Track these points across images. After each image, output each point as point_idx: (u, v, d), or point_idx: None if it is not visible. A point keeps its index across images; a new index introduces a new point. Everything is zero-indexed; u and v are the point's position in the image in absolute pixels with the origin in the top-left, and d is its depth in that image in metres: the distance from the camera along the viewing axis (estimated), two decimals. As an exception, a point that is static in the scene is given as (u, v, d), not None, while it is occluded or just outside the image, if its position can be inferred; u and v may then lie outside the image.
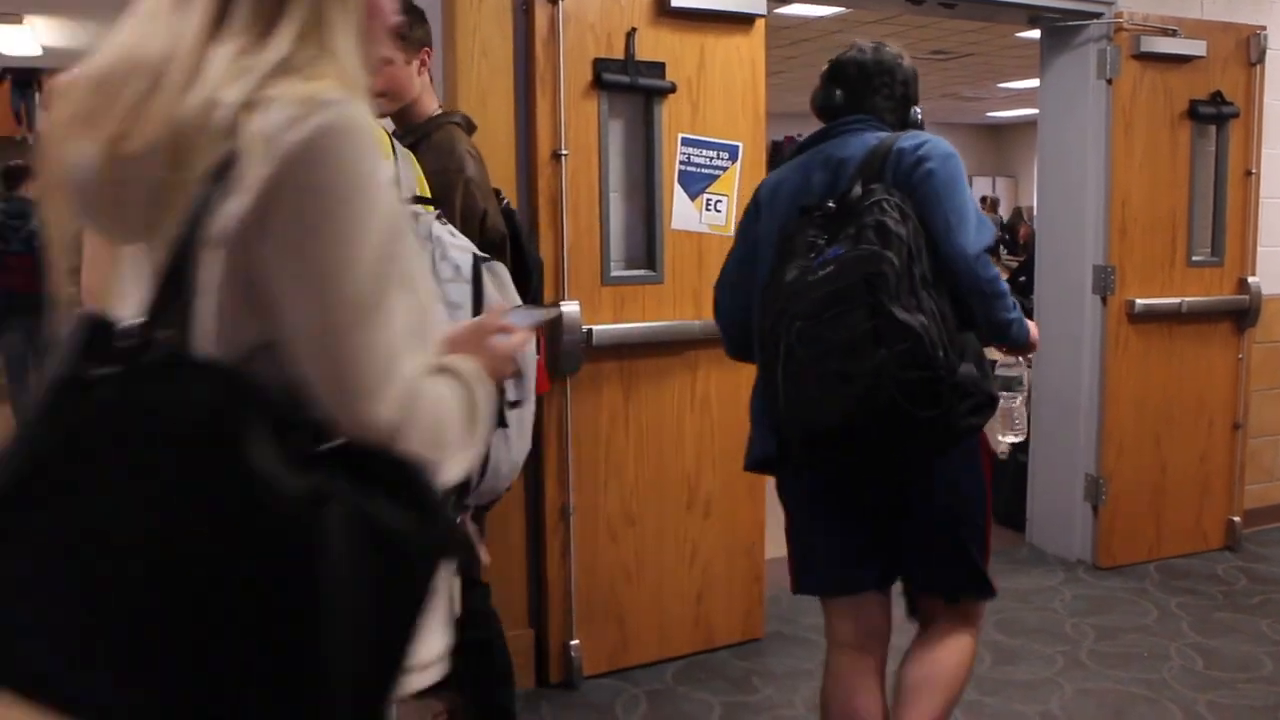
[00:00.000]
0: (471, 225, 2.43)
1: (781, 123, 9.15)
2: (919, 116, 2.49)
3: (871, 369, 2.01)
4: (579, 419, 3.44)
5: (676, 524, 3.65)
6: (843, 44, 2.56)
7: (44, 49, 9.07)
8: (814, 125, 2.49)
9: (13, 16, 7.63)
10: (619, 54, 3.42)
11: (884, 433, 2.08)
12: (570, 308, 3.32)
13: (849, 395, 2.03)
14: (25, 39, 8.42)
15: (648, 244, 3.54)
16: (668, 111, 3.51)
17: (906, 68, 2.49)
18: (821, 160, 2.37)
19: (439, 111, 2.73)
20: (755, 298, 2.32)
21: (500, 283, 2.05)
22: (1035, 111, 4.99)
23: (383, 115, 2.56)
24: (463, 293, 1.92)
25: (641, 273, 3.54)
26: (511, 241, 2.60)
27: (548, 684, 3.51)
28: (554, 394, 3.38)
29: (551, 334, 3.29)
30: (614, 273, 3.47)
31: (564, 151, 3.34)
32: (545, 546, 3.46)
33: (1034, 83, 5.50)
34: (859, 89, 2.43)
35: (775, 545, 4.07)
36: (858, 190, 2.20)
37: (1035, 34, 4.86)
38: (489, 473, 2.12)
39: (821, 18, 9.89)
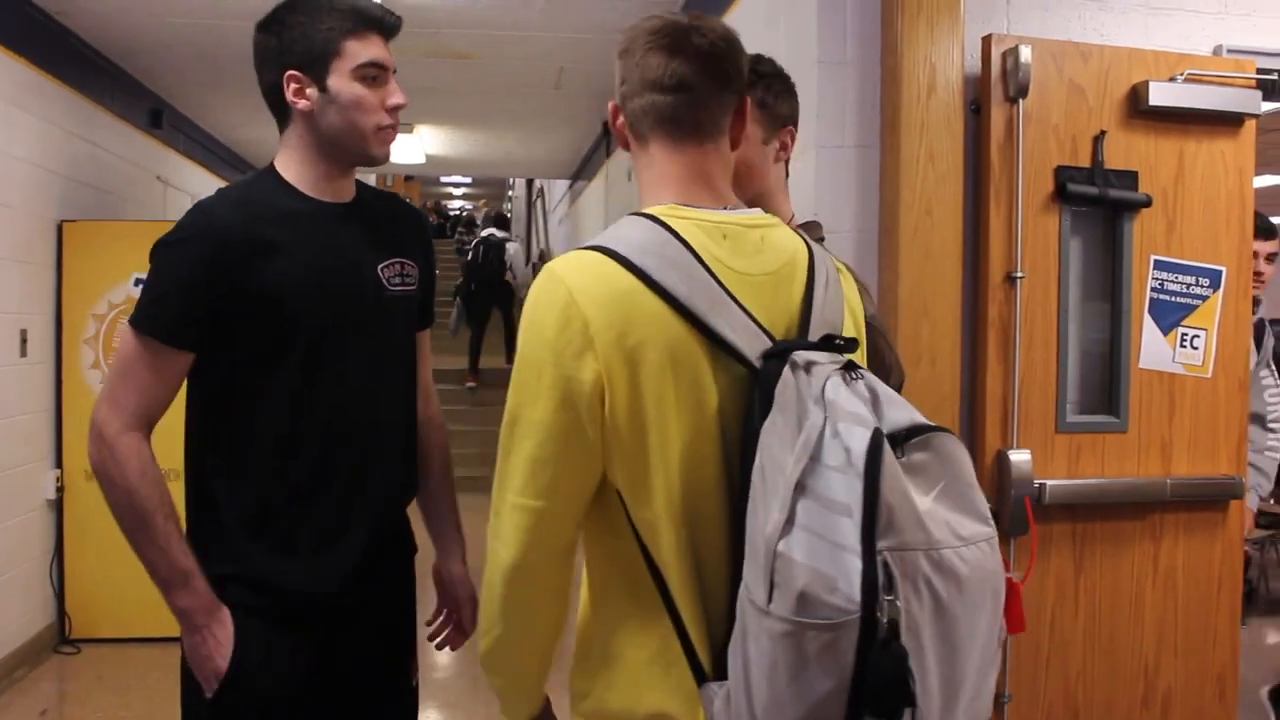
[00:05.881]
0: None
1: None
2: None
3: None
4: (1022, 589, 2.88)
5: (1128, 722, 3.00)
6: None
7: (427, 157, 9.54)
8: None
9: (407, 126, 8.00)
10: (1084, 160, 2.92)
11: None
12: (1021, 457, 2.81)
13: None
14: (414, 147, 8.85)
15: (1110, 384, 2.97)
16: (1139, 228, 2.97)
17: None
18: None
19: (799, 221, 2.06)
20: None
21: (945, 460, 1.22)
22: None
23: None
24: (852, 490, 1.13)
25: (1101, 418, 2.96)
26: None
27: None
28: (996, 559, 2.85)
29: (999, 487, 2.79)
30: (1070, 417, 2.92)
31: (1019, 274, 2.85)
32: (973, 739, 2.90)
33: None
34: None
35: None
36: None
37: None
38: None
39: None
